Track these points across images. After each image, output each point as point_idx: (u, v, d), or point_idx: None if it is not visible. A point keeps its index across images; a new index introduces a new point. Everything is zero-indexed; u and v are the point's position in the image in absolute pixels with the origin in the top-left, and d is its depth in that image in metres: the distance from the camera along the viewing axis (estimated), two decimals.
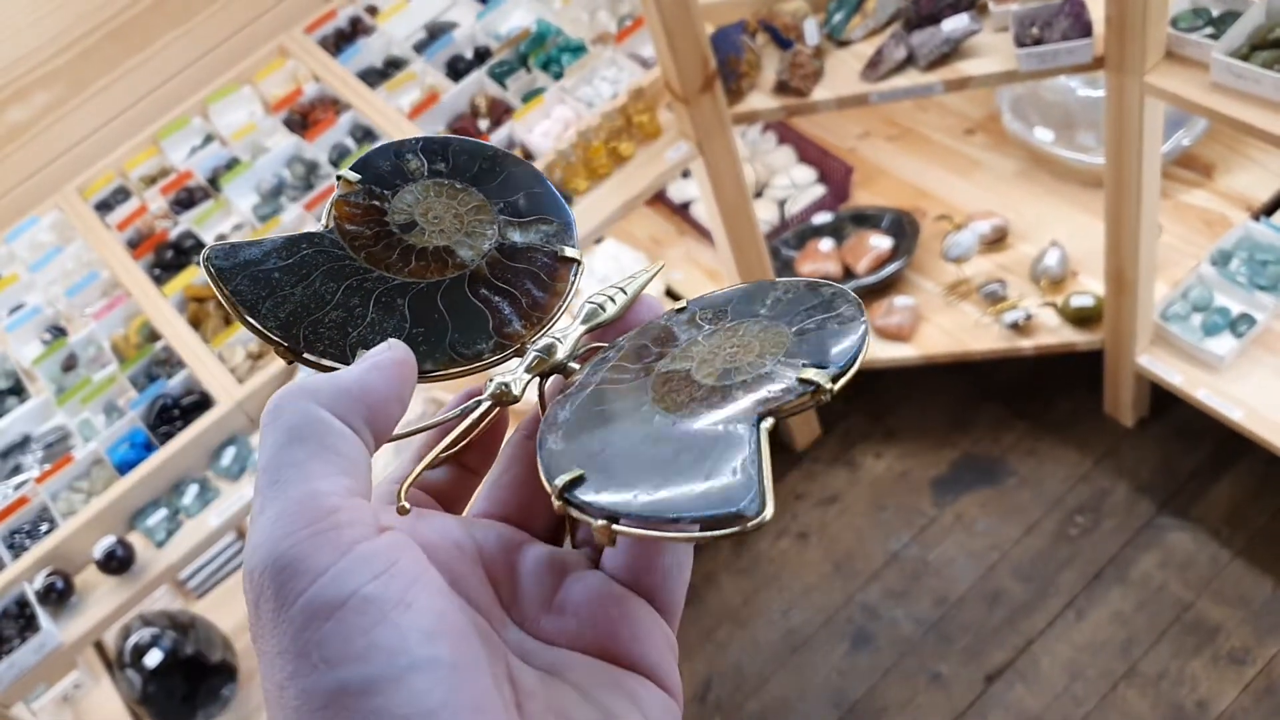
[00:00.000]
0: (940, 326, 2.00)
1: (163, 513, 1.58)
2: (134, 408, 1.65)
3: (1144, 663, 1.76)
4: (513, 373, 0.40)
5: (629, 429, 0.36)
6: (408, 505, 0.35)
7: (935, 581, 1.93)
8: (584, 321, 0.43)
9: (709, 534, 0.31)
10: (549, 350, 0.41)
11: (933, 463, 2.08)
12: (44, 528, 1.59)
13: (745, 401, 0.35)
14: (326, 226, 0.42)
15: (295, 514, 0.30)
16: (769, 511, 0.31)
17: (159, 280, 1.78)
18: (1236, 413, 1.72)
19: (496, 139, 1.79)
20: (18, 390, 1.77)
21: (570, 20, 1.95)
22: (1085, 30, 1.51)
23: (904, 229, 2.11)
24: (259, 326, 0.39)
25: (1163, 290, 1.85)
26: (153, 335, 1.74)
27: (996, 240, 2.06)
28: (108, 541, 1.54)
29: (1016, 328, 1.92)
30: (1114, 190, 1.63)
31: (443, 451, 0.39)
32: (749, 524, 0.31)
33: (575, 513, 0.34)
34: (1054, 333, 1.92)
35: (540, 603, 0.36)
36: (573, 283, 0.44)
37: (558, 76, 1.85)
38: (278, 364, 1.63)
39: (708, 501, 0.32)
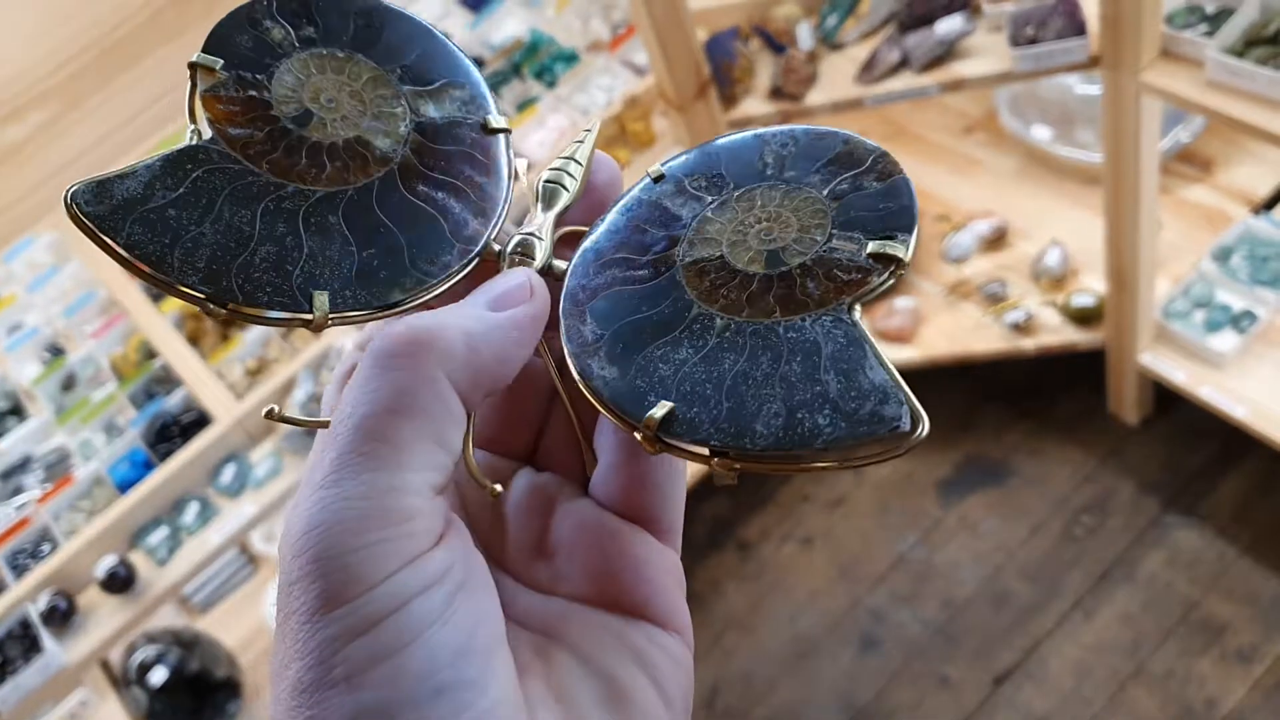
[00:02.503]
0: (941, 328, 1.99)
1: (164, 531, 1.58)
2: (134, 426, 1.65)
3: (1152, 662, 1.75)
4: None
5: (695, 341, 0.31)
6: (499, 489, 0.31)
7: (942, 584, 1.93)
8: (546, 207, 0.37)
9: (859, 459, 0.28)
10: (527, 249, 0.35)
11: (937, 464, 2.07)
12: (46, 548, 1.59)
13: (821, 290, 0.31)
14: (201, 135, 0.34)
15: (373, 511, 0.27)
16: (926, 427, 0.28)
17: (156, 298, 1.78)
18: (1240, 410, 1.71)
19: None
20: (17, 411, 1.77)
21: (563, 29, 1.94)
22: (1080, 29, 1.50)
23: None
24: (175, 283, 0.32)
25: (1164, 287, 1.84)
26: (151, 353, 1.74)
27: (996, 240, 2.05)
28: (109, 561, 1.54)
29: (1018, 328, 1.91)
30: (1113, 189, 1.62)
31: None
32: (909, 443, 0.28)
33: (679, 453, 0.30)
34: (1055, 332, 1.91)
35: (531, 547, 0.33)
36: (511, 160, 0.38)
37: (551, 85, 1.84)
38: (276, 380, 1.62)
39: (854, 421, 0.28)
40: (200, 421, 1.64)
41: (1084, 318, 1.88)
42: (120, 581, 1.53)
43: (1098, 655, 1.78)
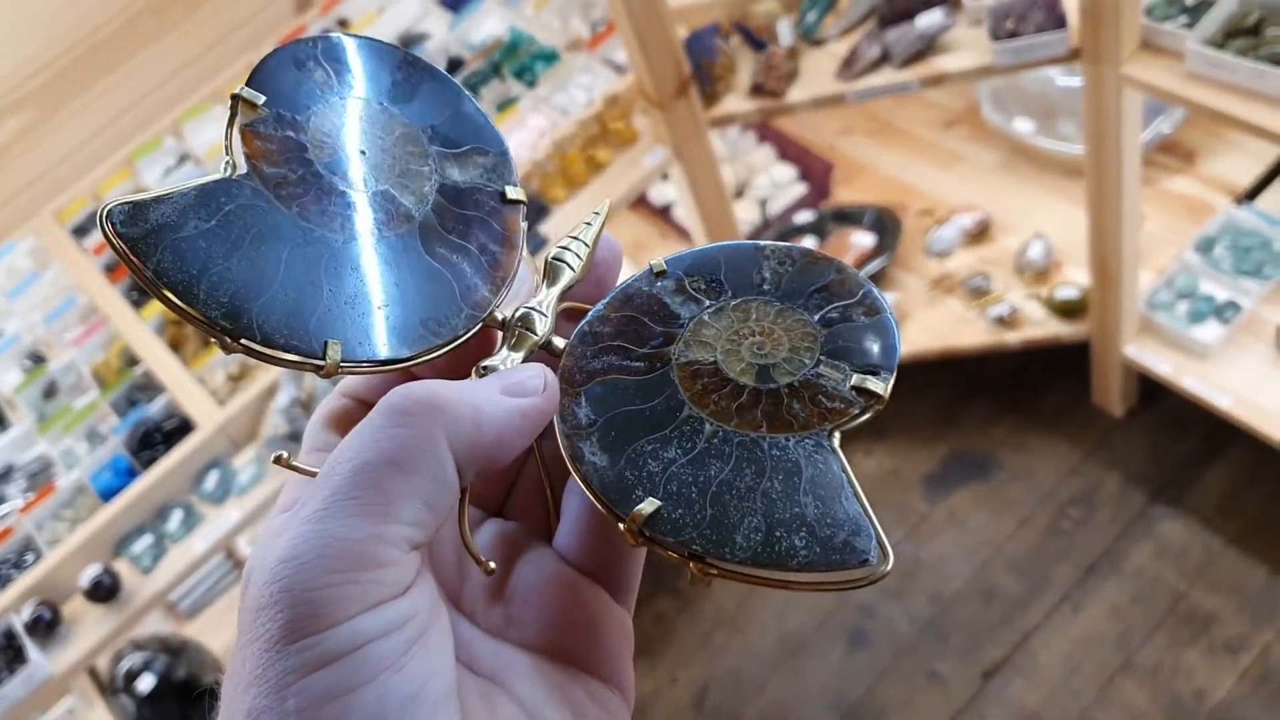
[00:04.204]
0: (925, 323, 1.99)
1: (148, 539, 1.57)
2: (116, 434, 1.64)
3: (1140, 654, 1.75)
4: (500, 360, 0.36)
5: (684, 443, 0.33)
6: (494, 566, 0.32)
7: (930, 579, 1.93)
8: (550, 283, 0.38)
9: (826, 586, 0.30)
10: (528, 323, 0.36)
11: (923, 459, 2.07)
12: (29, 558, 1.58)
13: (805, 413, 0.33)
14: (235, 167, 0.35)
15: (349, 553, 0.28)
16: (891, 563, 0.29)
17: (137, 304, 1.77)
18: (1224, 400, 1.71)
19: None
20: None
21: (542, 27, 1.93)
22: (1060, 22, 1.50)
23: (886, 225, 2.10)
24: (198, 315, 0.32)
25: (1148, 279, 1.84)
26: (133, 360, 1.73)
27: (979, 234, 2.05)
28: (94, 570, 1.53)
29: (1002, 321, 1.91)
30: (1095, 181, 1.62)
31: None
32: (874, 578, 0.29)
33: (659, 549, 0.32)
34: (1040, 325, 1.91)
35: (489, 590, 0.34)
36: (524, 230, 0.39)
37: (531, 85, 1.84)
38: (258, 386, 1.61)
39: (828, 548, 0.30)
40: (183, 428, 1.63)
41: (1068, 310, 1.88)
42: (105, 590, 1.52)
43: (1086, 648, 1.78)
